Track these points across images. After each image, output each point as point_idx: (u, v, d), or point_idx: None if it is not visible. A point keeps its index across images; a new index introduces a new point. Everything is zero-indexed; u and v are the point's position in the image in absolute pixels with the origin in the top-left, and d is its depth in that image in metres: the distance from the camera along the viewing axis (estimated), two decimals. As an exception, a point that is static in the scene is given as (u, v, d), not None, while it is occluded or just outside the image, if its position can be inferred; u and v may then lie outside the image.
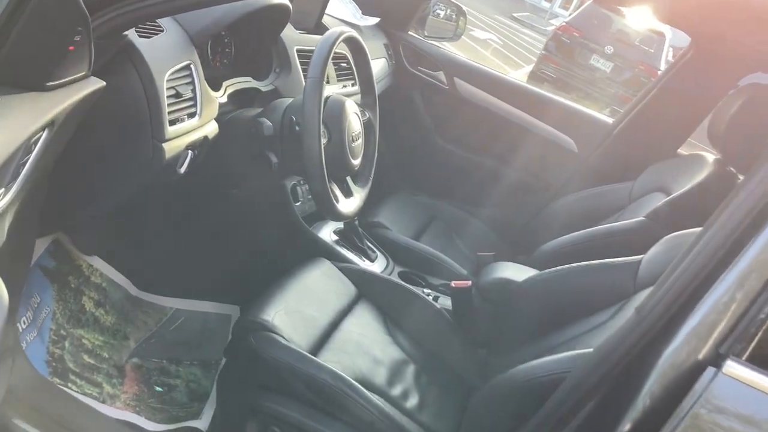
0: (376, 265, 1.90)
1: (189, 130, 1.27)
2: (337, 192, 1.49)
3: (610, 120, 2.43)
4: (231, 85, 1.50)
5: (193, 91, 1.29)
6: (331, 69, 1.89)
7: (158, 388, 1.69)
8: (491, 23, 14.06)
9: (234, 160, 1.53)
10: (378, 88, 2.33)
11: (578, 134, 2.41)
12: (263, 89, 1.64)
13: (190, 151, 1.31)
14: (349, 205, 1.52)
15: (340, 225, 1.90)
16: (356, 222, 1.88)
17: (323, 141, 1.39)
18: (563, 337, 1.54)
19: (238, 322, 1.44)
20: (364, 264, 1.87)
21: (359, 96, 1.82)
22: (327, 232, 1.89)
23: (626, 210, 2.02)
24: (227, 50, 1.66)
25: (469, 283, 1.74)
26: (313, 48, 1.80)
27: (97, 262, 1.84)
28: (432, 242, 2.18)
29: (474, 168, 2.55)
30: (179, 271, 1.92)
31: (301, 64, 1.75)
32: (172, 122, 1.22)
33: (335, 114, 1.44)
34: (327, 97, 1.47)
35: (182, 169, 1.30)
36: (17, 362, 1.36)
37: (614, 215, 2.05)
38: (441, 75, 2.52)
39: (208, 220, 1.82)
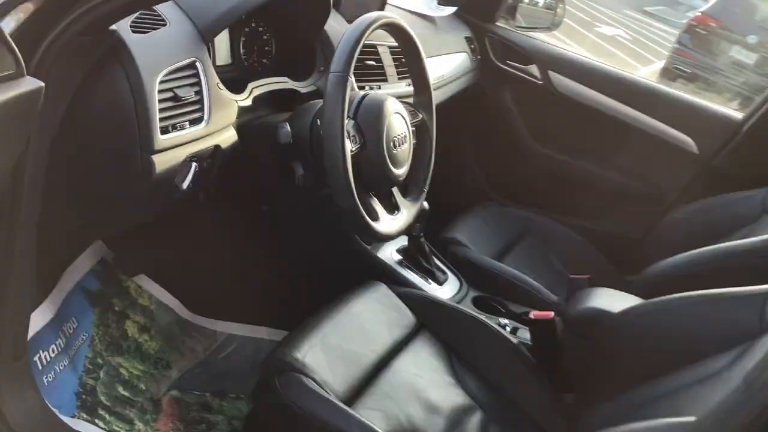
0: (446, 289, 1.65)
1: (191, 139, 1.09)
2: (378, 207, 1.26)
3: (738, 114, 2.04)
4: (258, 87, 1.31)
5: (199, 93, 1.11)
6: (390, 66, 1.66)
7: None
8: (620, 18, 13.26)
9: (257, 172, 1.34)
10: (459, 84, 2.10)
11: (699, 132, 2.05)
12: (303, 90, 1.43)
13: (194, 163, 1.13)
14: (392, 222, 1.28)
15: (404, 242, 1.66)
16: (422, 238, 1.63)
17: (353, 147, 1.16)
18: (668, 386, 1.22)
19: (265, 361, 1.24)
20: (430, 287, 1.62)
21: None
22: (389, 251, 1.65)
23: (758, 223, 1.66)
24: (267, 48, 1.47)
25: (552, 314, 1.45)
26: (366, 43, 1.60)
27: (147, 283, 1.73)
28: (521, 261, 1.89)
29: (574, 174, 2.24)
30: (232, 292, 1.77)
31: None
32: (166, 130, 1.04)
33: (371, 115, 1.21)
34: (363, 96, 1.24)
35: (185, 185, 1.12)
36: (27, 400, 1.24)
37: (742, 230, 1.69)
38: (534, 69, 2.22)
39: (249, 238, 1.66)
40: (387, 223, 1.25)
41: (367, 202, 1.23)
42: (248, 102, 1.26)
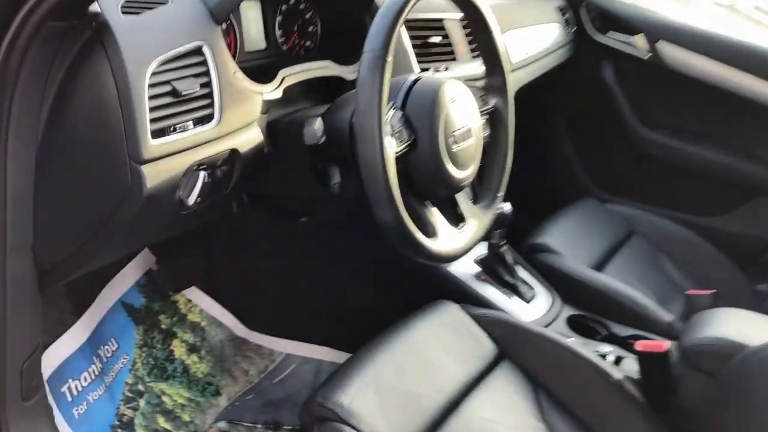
0: (534, 307, 1.39)
1: (196, 143, 0.88)
2: (436, 220, 1.01)
3: None
4: (291, 75, 1.09)
5: (207, 85, 0.90)
6: (461, 42, 1.40)
7: None
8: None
9: (286, 179, 1.12)
10: (550, 61, 1.87)
11: None
12: (349, 77, 1.21)
13: (202, 173, 0.92)
14: (456, 238, 1.02)
15: (484, 251, 1.41)
16: (504, 246, 1.38)
17: (400, 146, 0.92)
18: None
19: (305, 404, 1.04)
20: (515, 305, 1.36)
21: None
22: (465, 262, 1.41)
23: None
24: (311, 29, 1.26)
25: (666, 345, 1.16)
26: (428, 16, 1.36)
27: (198, 297, 1.58)
28: (626, 270, 1.60)
29: (690, 162, 1.92)
30: (291, 307, 1.60)
31: (412, 38, 1.29)
32: (163, 132, 0.84)
33: (422, 104, 0.96)
34: (415, 81, 1.00)
35: (191, 199, 0.92)
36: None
37: None
38: (640, 40, 1.90)
39: (304, 249, 1.46)
40: (448, 239, 1.01)
41: (421, 214, 0.98)
42: (278, 94, 1.05)
